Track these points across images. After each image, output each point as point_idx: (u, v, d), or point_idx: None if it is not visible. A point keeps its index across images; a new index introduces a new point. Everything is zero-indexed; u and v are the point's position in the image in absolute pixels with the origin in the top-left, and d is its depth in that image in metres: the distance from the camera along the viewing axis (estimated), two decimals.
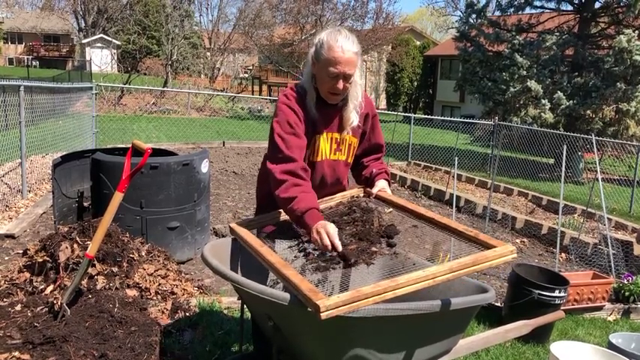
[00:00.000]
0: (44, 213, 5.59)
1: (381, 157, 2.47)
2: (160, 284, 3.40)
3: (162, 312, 3.19)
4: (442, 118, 15.94)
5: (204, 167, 4.46)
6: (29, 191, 6.27)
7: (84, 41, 38.18)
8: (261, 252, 1.91)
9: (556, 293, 3.59)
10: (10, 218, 5.29)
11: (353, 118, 2.23)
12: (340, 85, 2.11)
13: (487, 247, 1.82)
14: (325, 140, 2.23)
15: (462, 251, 1.98)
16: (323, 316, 1.47)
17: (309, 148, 2.19)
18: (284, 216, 2.24)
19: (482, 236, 1.88)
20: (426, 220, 2.10)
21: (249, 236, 2.08)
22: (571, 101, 12.38)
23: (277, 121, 2.12)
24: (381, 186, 2.31)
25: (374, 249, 1.93)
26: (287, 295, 1.64)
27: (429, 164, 11.60)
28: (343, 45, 2.05)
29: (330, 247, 1.88)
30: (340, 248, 1.89)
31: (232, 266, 2.19)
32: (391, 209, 2.28)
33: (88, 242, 3.04)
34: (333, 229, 1.91)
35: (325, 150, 2.24)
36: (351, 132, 2.27)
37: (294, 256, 2.08)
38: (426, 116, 21.74)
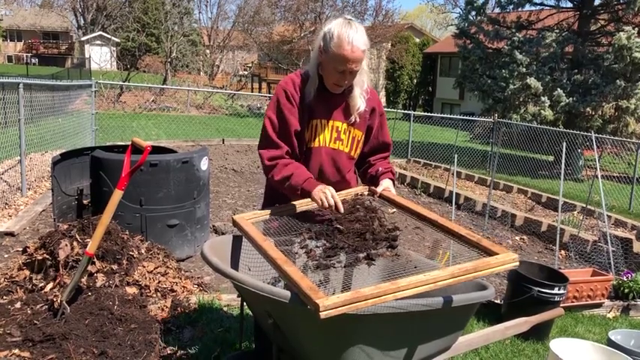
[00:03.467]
0: (44, 211, 5.58)
1: (388, 156, 2.45)
2: (159, 282, 3.40)
3: (162, 309, 3.19)
4: (442, 115, 15.99)
5: (204, 165, 4.45)
6: (29, 189, 6.27)
7: (83, 39, 38.13)
8: (263, 246, 1.90)
9: (555, 290, 3.60)
10: (10, 216, 5.28)
11: (359, 103, 2.23)
12: (346, 79, 2.13)
13: (489, 253, 1.79)
14: (324, 127, 2.23)
15: (462, 250, 1.97)
16: (322, 315, 1.47)
17: (306, 134, 2.21)
18: (287, 211, 2.23)
19: (485, 242, 1.86)
20: (429, 222, 2.08)
21: (251, 229, 2.06)
22: (571, 98, 12.37)
23: (270, 103, 2.21)
24: (385, 185, 2.29)
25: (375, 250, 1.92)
26: (287, 293, 1.64)
27: (428, 161, 11.59)
28: (353, 42, 2.04)
29: (333, 207, 2.00)
30: (342, 210, 2.01)
31: (232, 264, 2.18)
32: (394, 209, 2.27)
33: (88, 240, 3.04)
34: (334, 192, 2.05)
35: (324, 137, 2.23)
36: (358, 119, 2.26)
37: (297, 253, 2.07)
38: (426, 114, 21.74)
